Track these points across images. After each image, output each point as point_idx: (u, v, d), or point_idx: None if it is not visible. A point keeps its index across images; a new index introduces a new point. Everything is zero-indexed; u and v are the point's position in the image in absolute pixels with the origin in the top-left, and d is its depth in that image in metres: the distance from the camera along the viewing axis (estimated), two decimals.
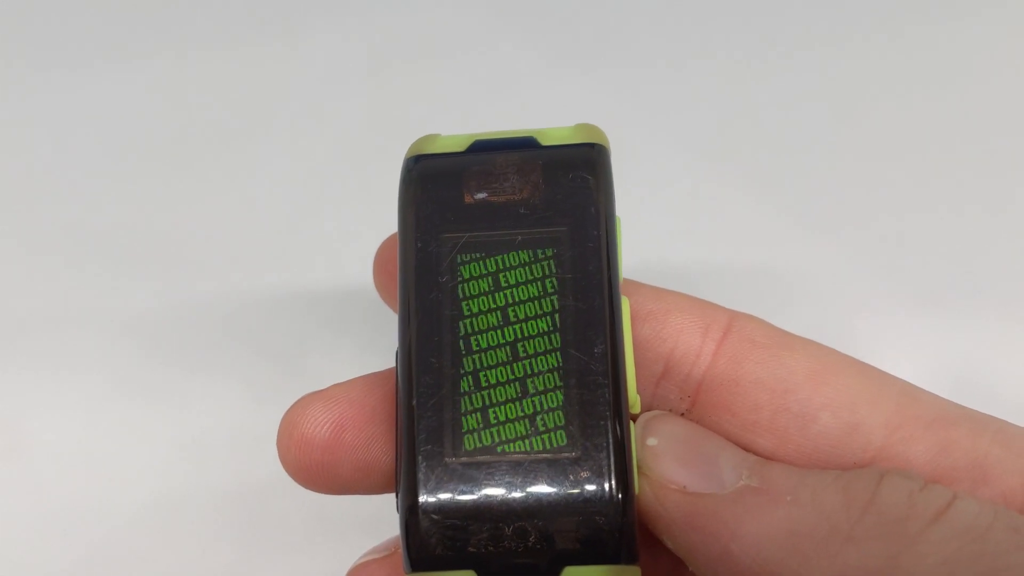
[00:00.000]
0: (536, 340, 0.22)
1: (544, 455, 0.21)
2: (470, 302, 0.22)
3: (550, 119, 0.28)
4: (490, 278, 0.22)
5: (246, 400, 0.38)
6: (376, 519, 0.30)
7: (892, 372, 0.24)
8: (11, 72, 0.45)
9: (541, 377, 0.22)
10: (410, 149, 0.24)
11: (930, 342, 0.38)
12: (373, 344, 0.39)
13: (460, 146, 0.24)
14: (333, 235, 0.41)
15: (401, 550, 0.21)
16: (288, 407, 0.24)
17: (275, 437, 0.24)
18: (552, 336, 0.22)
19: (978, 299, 0.39)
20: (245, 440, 0.37)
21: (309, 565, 0.36)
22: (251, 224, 0.41)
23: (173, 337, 0.39)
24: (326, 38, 0.45)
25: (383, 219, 0.28)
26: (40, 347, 0.39)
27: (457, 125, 0.26)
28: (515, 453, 0.21)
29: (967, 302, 0.39)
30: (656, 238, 0.40)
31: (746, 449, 0.23)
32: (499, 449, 0.21)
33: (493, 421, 0.21)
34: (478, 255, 0.23)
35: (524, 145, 0.24)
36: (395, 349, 0.23)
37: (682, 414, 0.24)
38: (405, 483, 0.21)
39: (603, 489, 0.21)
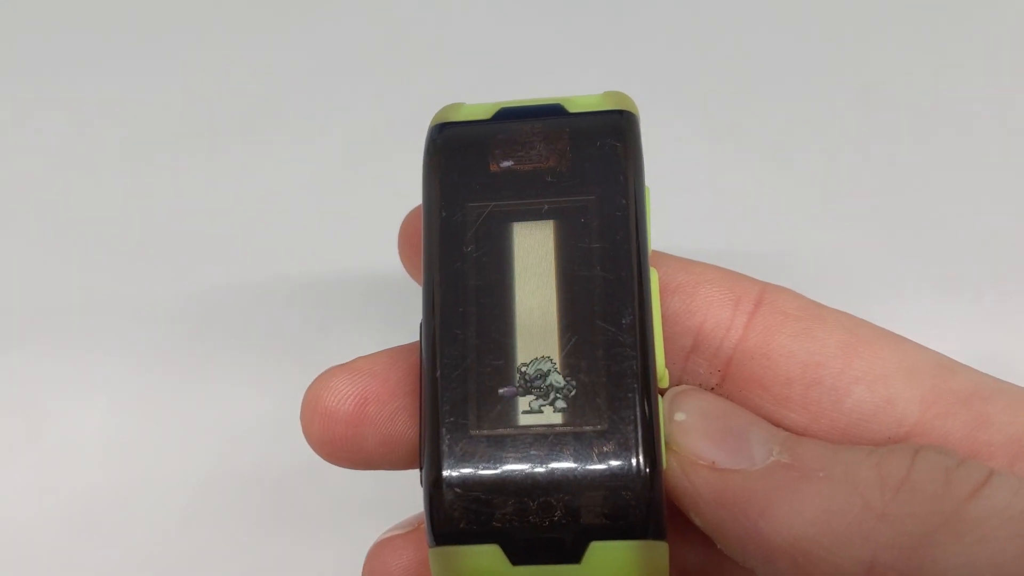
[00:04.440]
0: None
1: (570, 428, 0.21)
2: None
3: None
4: None
5: (269, 386, 0.38)
6: (401, 503, 0.30)
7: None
8: (30, 65, 0.45)
9: None
10: (435, 117, 0.24)
11: (955, 326, 0.38)
12: (396, 329, 0.38)
13: (486, 114, 0.24)
14: (354, 220, 0.41)
15: (425, 524, 0.21)
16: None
17: (297, 423, 0.24)
18: None
19: (1004, 283, 0.38)
20: (267, 425, 0.37)
21: (333, 550, 0.36)
22: (273, 211, 0.41)
23: (195, 324, 0.40)
24: (341, 23, 0.45)
25: (404, 204, 0.28)
26: (62, 334, 0.40)
27: (478, 99, 0.26)
28: (540, 426, 0.21)
29: (992, 286, 0.38)
30: (677, 221, 0.39)
31: (778, 424, 0.23)
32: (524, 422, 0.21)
33: None
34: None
35: (551, 113, 0.23)
36: (419, 322, 0.23)
37: (712, 388, 0.24)
38: (429, 456, 0.21)
39: (630, 463, 0.20)
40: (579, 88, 0.42)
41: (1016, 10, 0.43)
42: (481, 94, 0.42)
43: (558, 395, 0.21)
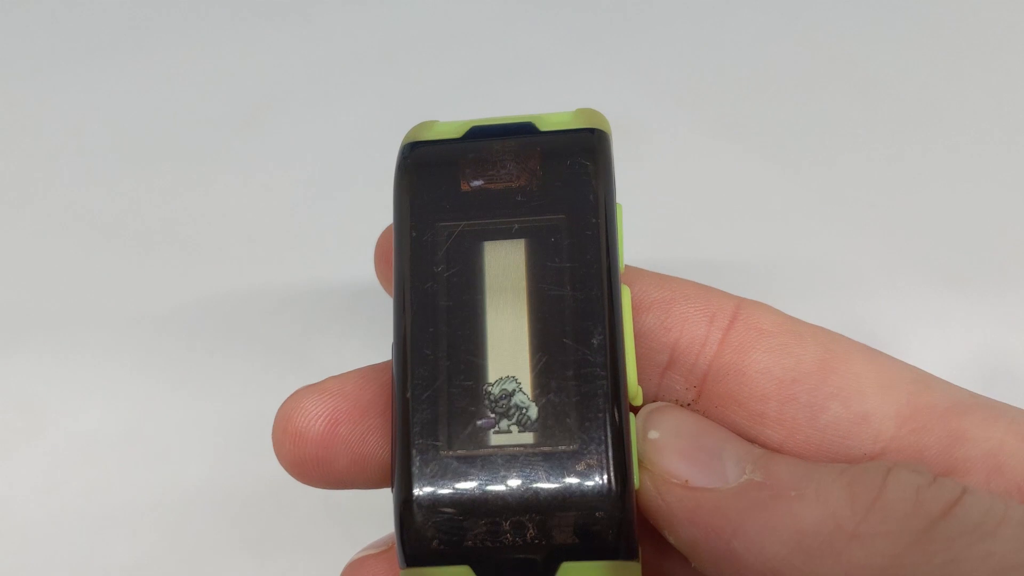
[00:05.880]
0: None
1: (541, 448, 0.20)
2: None
3: (567, 103, 0.27)
4: None
5: (260, 391, 0.38)
6: (378, 521, 0.30)
7: (916, 356, 0.24)
8: (32, 65, 0.45)
9: None
10: (406, 136, 0.24)
11: (954, 325, 0.37)
12: (387, 339, 0.38)
13: (457, 132, 0.24)
14: (349, 227, 0.41)
15: (396, 546, 0.21)
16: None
17: None
18: None
19: (1002, 281, 0.38)
20: (259, 430, 0.37)
21: (318, 558, 0.36)
22: (266, 216, 0.41)
23: (190, 327, 0.40)
24: (339, 25, 0.45)
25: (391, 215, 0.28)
26: (60, 336, 0.40)
27: (471, 112, 0.26)
28: (512, 446, 0.21)
29: (991, 285, 0.38)
30: (675, 224, 0.39)
31: (754, 441, 0.23)
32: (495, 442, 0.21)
33: None
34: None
35: (522, 131, 0.23)
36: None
37: (688, 405, 0.24)
38: (400, 477, 0.21)
39: (601, 483, 0.20)
40: (576, 90, 0.42)
41: (1016, 11, 0.43)
42: (478, 102, 0.42)
43: (523, 415, 0.21)
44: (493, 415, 0.21)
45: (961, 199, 0.40)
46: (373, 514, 0.34)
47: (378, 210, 0.38)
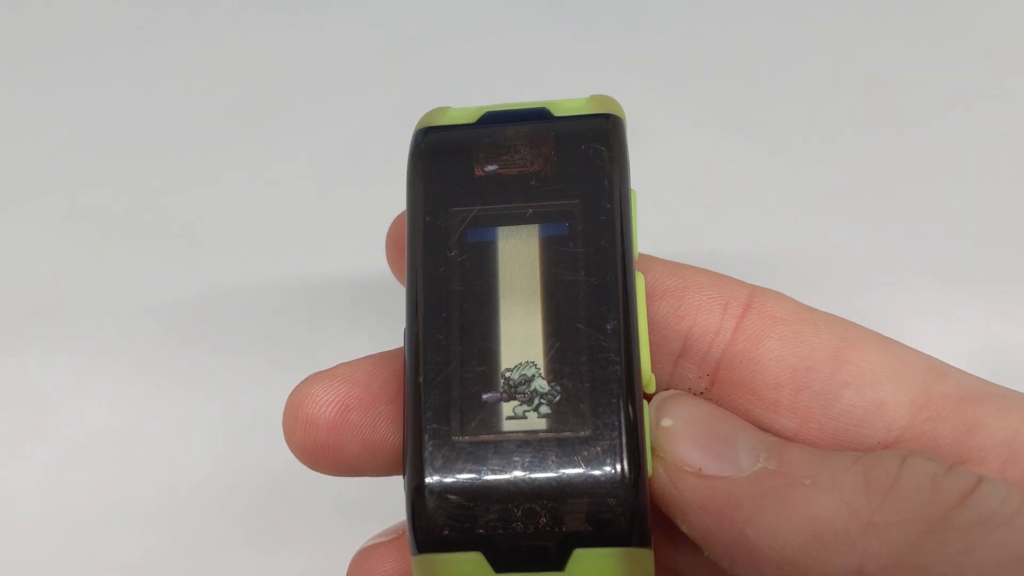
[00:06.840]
0: None
1: (554, 434, 0.20)
2: None
3: (573, 95, 0.27)
4: None
5: (266, 386, 0.38)
6: (388, 508, 0.30)
7: (919, 350, 0.24)
8: (35, 58, 0.45)
9: None
10: (420, 122, 0.24)
11: (958, 319, 0.37)
12: (395, 331, 0.38)
13: (471, 118, 0.23)
14: (356, 219, 0.41)
15: (407, 532, 0.21)
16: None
17: None
18: None
19: (1006, 274, 0.38)
20: (265, 425, 0.37)
21: (326, 552, 0.36)
22: (273, 210, 0.41)
23: (195, 322, 0.40)
24: (345, 18, 0.45)
25: (400, 207, 0.28)
26: (65, 331, 0.40)
27: (476, 103, 0.26)
28: (524, 432, 0.21)
29: (995, 278, 0.38)
30: (679, 219, 0.39)
31: (768, 430, 0.23)
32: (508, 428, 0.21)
33: None
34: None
35: (536, 116, 0.23)
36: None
37: (701, 393, 0.24)
38: (411, 463, 0.21)
39: (615, 470, 0.20)
40: (582, 83, 0.42)
41: (1016, 5, 0.43)
42: (484, 95, 0.42)
43: (542, 400, 0.21)
44: (515, 401, 0.21)
45: (966, 192, 0.40)
46: (382, 508, 0.34)
47: (385, 204, 0.38)
